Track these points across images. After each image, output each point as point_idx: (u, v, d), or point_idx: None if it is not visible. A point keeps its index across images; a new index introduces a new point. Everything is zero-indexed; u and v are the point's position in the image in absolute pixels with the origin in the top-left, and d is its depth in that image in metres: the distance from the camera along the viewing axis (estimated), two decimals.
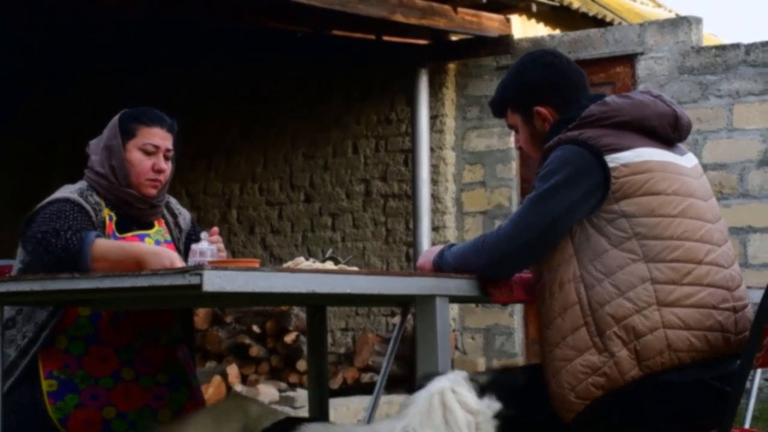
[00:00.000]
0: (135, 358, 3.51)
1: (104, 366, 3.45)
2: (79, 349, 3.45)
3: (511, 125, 3.21)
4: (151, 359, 3.54)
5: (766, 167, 7.86)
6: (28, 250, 3.33)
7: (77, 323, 3.44)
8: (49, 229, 3.24)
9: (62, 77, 10.77)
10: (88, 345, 3.45)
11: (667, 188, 2.91)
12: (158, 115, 3.57)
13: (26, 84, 10.76)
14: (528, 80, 3.14)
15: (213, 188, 10.20)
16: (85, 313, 3.45)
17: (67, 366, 3.41)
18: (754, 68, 7.92)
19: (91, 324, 3.46)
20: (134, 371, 3.50)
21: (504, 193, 8.83)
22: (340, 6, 7.50)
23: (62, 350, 3.43)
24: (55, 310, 3.39)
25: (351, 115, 9.48)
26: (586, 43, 8.59)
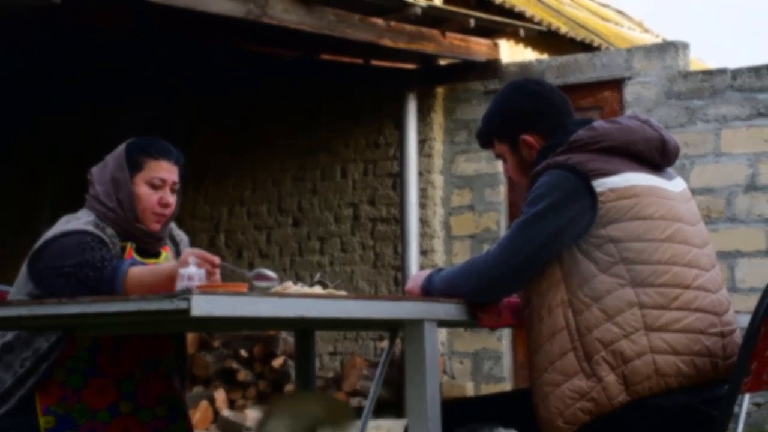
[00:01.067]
0: (136, 389, 3.47)
1: (102, 398, 3.40)
2: (77, 382, 3.39)
3: (498, 155, 3.22)
4: (151, 390, 3.51)
5: (753, 192, 7.89)
6: (48, 285, 3.26)
7: (76, 355, 3.39)
8: (78, 261, 3.20)
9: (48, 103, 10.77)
10: (87, 377, 3.40)
11: (654, 213, 2.92)
12: (165, 147, 3.52)
13: (12, 108, 10.75)
14: (513, 109, 3.15)
15: (201, 212, 10.19)
16: (84, 345, 3.40)
17: (65, 399, 3.36)
18: (741, 93, 7.96)
19: (90, 355, 3.41)
20: (133, 404, 3.45)
21: (492, 217, 8.84)
22: (329, 30, 7.53)
23: (60, 383, 3.37)
24: (57, 342, 3.35)
25: (339, 139, 9.49)
26: (574, 68, 8.62)
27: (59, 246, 3.28)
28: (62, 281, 3.21)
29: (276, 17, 7.11)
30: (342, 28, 7.61)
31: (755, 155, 7.89)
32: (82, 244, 3.26)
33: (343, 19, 7.61)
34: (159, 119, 9.88)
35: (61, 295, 3.16)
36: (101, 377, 3.42)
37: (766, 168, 7.86)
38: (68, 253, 3.24)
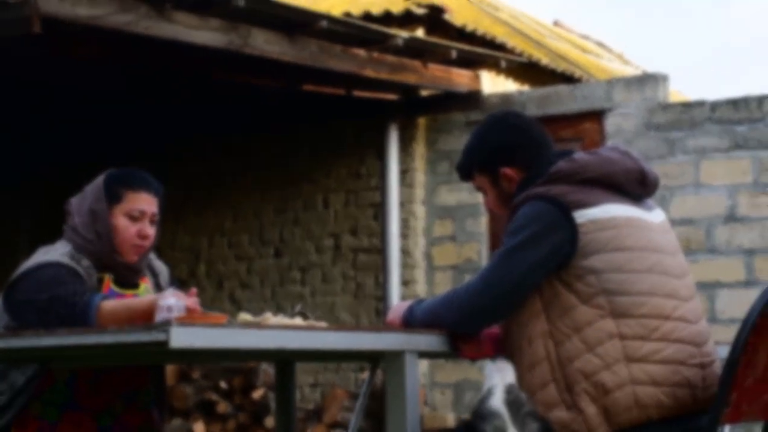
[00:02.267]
0: (114, 422, 3.44)
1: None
2: (53, 416, 3.36)
3: (478, 187, 3.23)
4: (129, 423, 3.48)
5: (732, 223, 7.92)
6: (22, 318, 3.23)
7: (54, 388, 3.36)
8: (51, 296, 3.17)
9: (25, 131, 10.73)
10: (63, 411, 3.37)
11: (634, 244, 2.93)
12: (145, 178, 3.51)
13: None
14: (492, 142, 3.16)
15: (181, 242, 10.15)
16: (62, 378, 3.37)
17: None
18: (720, 125, 8.00)
19: (67, 388, 3.38)
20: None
21: (474, 247, 8.84)
22: (311, 61, 7.54)
23: (35, 416, 3.34)
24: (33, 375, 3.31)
25: (321, 170, 9.49)
26: (555, 100, 8.66)
27: (33, 279, 3.25)
28: (35, 316, 3.19)
29: (258, 48, 7.12)
30: (324, 59, 7.63)
31: (734, 186, 7.93)
32: (55, 278, 3.24)
33: (325, 50, 7.63)
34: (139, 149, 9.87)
35: (35, 328, 3.14)
36: (78, 411, 3.39)
37: (745, 199, 7.89)
38: (41, 286, 3.22)
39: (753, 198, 7.87)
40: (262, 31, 7.15)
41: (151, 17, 6.40)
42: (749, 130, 7.90)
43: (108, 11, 6.17)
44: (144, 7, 6.36)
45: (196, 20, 6.69)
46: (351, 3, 9.22)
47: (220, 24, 6.86)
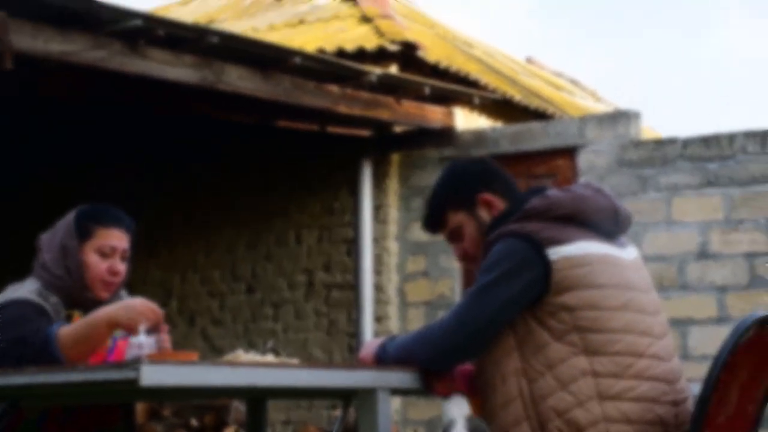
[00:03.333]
0: None
1: None
2: None
3: (452, 231, 3.19)
4: None
5: (704, 260, 7.95)
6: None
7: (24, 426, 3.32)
8: (14, 336, 3.13)
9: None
10: None
11: (607, 281, 2.93)
12: (116, 214, 3.50)
13: None
14: (465, 175, 3.16)
15: (153, 278, 10.10)
16: (32, 416, 3.34)
17: None
18: (691, 162, 8.05)
19: (38, 426, 3.34)
20: None
21: (447, 283, 8.84)
22: (284, 97, 7.55)
23: None
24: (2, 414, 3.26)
25: (294, 205, 9.48)
26: (528, 136, 8.69)
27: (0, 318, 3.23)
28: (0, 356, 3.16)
29: (231, 84, 7.13)
30: (297, 95, 7.64)
31: (706, 223, 7.97)
32: (21, 317, 3.21)
33: (299, 86, 7.65)
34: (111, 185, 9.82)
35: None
36: None
37: (716, 236, 7.94)
38: (6, 326, 3.19)
39: (724, 235, 7.91)
40: (236, 67, 7.16)
41: (124, 53, 6.41)
42: (720, 168, 7.95)
43: (81, 47, 6.17)
44: (117, 44, 6.37)
45: (169, 56, 6.70)
46: (325, 39, 9.25)
47: (194, 60, 6.87)
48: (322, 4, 10.65)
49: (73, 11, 6.05)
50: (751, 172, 7.87)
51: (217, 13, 11.80)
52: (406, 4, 11.31)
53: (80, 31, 6.17)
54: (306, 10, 10.56)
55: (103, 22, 6.21)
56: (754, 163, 7.87)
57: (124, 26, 6.27)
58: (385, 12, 9.76)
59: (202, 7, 12.35)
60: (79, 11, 6.07)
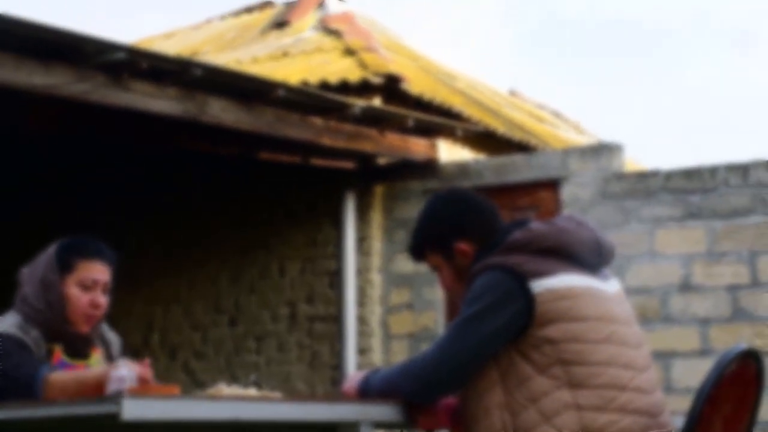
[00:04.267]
0: None
1: None
2: None
3: (433, 266, 3.22)
4: None
5: (687, 292, 7.96)
6: None
7: None
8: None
9: None
10: None
11: (591, 314, 2.93)
12: (98, 247, 3.48)
13: None
14: (443, 219, 3.17)
15: (135, 311, 10.05)
16: None
17: None
18: (674, 195, 8.08)
19: None
20: None
21: (431, 316, 8.82)
22: (267, 129, 7.55)
23: None
24: None
25: (277, 237, 9.47)
26: (511, 168, 8.71)
27: None
28: None
29: (214, 116, 7.13)
30: (281, 128, 7.65)
31: (689, 256, 7.98)
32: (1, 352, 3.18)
33: (282, 119, 7.65)
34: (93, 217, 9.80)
35: None
36: None
37: (699, 268, 7.95)
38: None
39: (707, 267, 7.93)
40: (219, 99, 7.16)
41: (107, 86, 6.41)
42: (703, 200, 7.98)
43: (64, 80, 6.16)
44: (101, 76, 6.37)
45: (152, 89, 6.70)
46: (308, 72, 9.27)
47: (177, 92, 6.87)
48: (305, 37, 10.69)
49: (57, 44, 6.05)
50: (733, 204, 7.90)
51: (201, 45, 11.82)
52: (390, 37, 11.35)
53: (63, 64, 6.17)
54: (290, 43, 10.59)
55: (87, 54, 6.20)
56: (736, 196, 7.90)
57: (108, 59, 6.27)
58: (368, 45, 9.79)
59: (186, 40, 12.38)
60: (62, 44, 6.07)
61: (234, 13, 13.12)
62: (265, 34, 11.46)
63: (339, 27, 10.52)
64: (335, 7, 11.40)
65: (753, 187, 7.85)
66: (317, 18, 11.16)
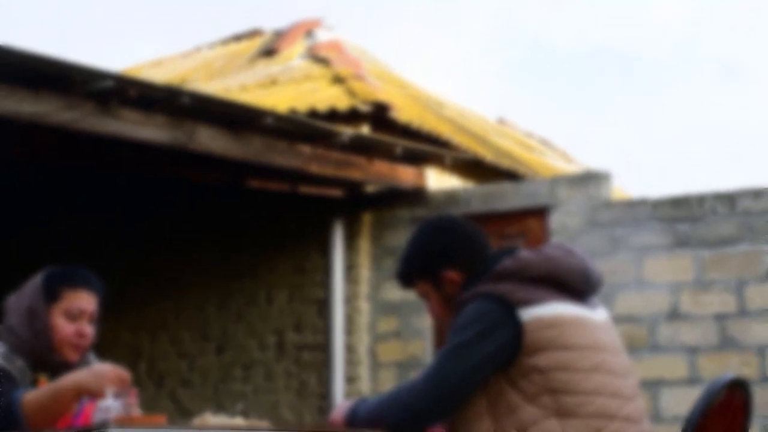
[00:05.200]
0: None
1: None
2: None
3: (421, 294, 3.22)
4: None
5: (675, 320, 7.97)
6: None
7: None
8: None
9: None
10: None
11: (579, 342, 2.93)
12: (85, 276, 3.46)
13: None
14: (430, 248, 3.17)
15: (122, 339, 10.01)
16: None
17: None
18: (662, 223, 8.09)
19: None
20: None
21: (419, 344, 8.80)
22: (256, 157, 7.55)
23: None
24: None
25: (265, 265, 9.45)
26: (500, 196, 8.72)
27: None
28: None
29: (203, 144, 7.13)
30: (269, 155, 7.64)
31: (676, 284, 7.99)
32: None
33: (270, 147, 7.65)
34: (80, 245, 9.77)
35: None
36: None
37: (687, 297, 7.96)
38: None
39: (695, 296, 7.94)
40: (208, 127, 7.16)
41: (96, 114, 6.39)
42: (690, 229, 8.00)
43: (52, 108, 6.15)
44: (89, 104, 6.35)
45: (141, 117, 6.69)
46: (297, 100, 9.28)
47: (166, 120, 6.86)
48: (294, 65, 10.70)
49: (45, 72, 6.04)
50: (720, 233, 7.92)
51: (190, 73, 11.83)
52: (378, 65, 11.39)
53: (52, 92, 6.16)
54: (278, 71, 10.61)
55: (75, 82, 6.19)
56: (723, 225, 7.92)
57: (96, 87, 6.25)
58: (357, 73, 9.81)
59: (175, 68, 12.39)
60: (50, 72, 6.06)
61: (223, 41, 13.14)
62: (253, 62, 11.48)
63: (327, 55, 10.55)
64: (324, 36, 11.43)
65: (740, 216, 7.87)
66: (306, 46, 11.19)
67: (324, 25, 11.71)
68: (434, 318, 3.26)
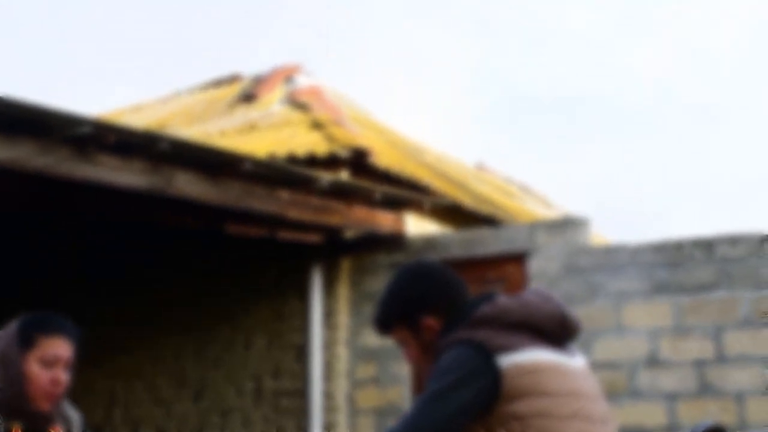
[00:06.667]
0: None
1: None
2: None
3: (398, 340, 3.20)
4: None
5: (654, 367, 7.96)
6: None
7: None
8: None
9: None
10: None
11: (557, 389, 2.91)
12: (60, 322, 3.42)
13: None
14: (409, 293, 3.16)
15: (97, 386, 9.93)
16: None
17: None
18: (640, 269, 8.10)
19: None
20: None
21: (397, 390, 8.76)
22: (234, 202, 7.53)
23: None
24: None
25: (243, 310, 9.41)
26: (478, 242, 8.72)
27: None
28: None
29: (181, 189, 7.11)
30: (248, 201, 7.63)
31: (655, 330, 7.99)
32: None
33: (249, 192, 7.64)
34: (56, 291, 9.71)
35: None
36: None
37: (666, 343, 7.96)
38: None
39: (674, 342, 7.94)
40: (186, 173, 7.15)
41: (73, 159, 6.36)
42: (668, 275, 8.01)
43: (29, 153, 6.12)
44: (66, 149, 6.33)
45: (119, 162, 6.67)
46: (276, 145, 9.29)
47: (144, 166, 6.85)
48: (273, 111, 10.73)
49: (21, 117, 6.01)
50: (699, 279, 7.93)
51: (169, 118, 11.84)
52: (358, 111, 11.42)
53: (28, 137, 6.13)
54: (258, 117, 10.63)
55: (52, 128, 6.17)
56: (701, 271, 7.93)
57: (74, 132, 6.23)
58: (336, 118, 9.84)
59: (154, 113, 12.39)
60: (27, 118, 6.04)
61: (202, 86, 13.17)
62: (233, 107, 11.49)
63: (307, 101, 10.58)
64: (303, 81, 11.47)
65: (718, 262, 7.89)
66: (285, 92, 11.22)
67: (303, 71, 11.76)
68: (412, 364, 3.24)
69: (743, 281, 7.80)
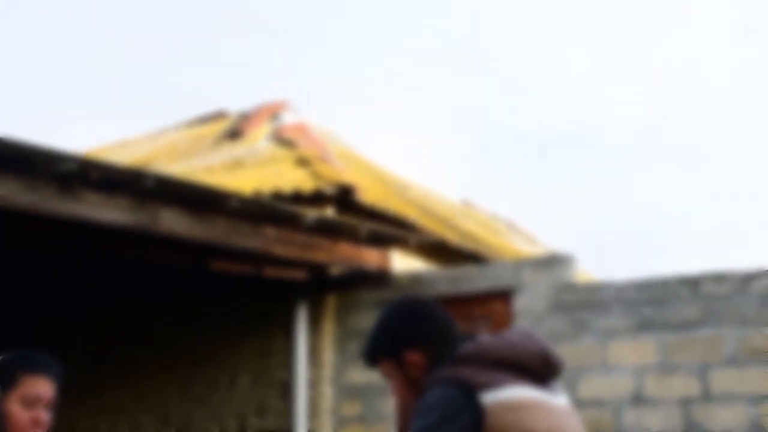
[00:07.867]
0: None
1: None
2: None
3: (385, 374, 3.21)
4: None
5: (639, 405, 7.94)
6: None
7: None
8: None
9: None
10: None
11: (540, 426, 2.91)
12: (43, 361, 3.40)
13: None
14: (395, 329, 3.16)
15: (80, 425, 9.86)
16: None
17: None
18: (626, 307, 8.10)
19: None
20: None
21: (382, 428, 8.73)
22: (220, 239, 7.52)
23: None
24: None
25: (228, 347, 9.38)
26: (464, 279, 8.72)
27: None
28: None
29: (166, 226, 7.09)
30: (233, 238, 7.62)
31: (641, 368, 7.98)
32: None
33: (235, 229, 7.64)
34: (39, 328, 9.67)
35: None
36: None
37: (652, 381, 7.95)
38: None
39: (659, 380, 7.93)
40: (171, 209, 7.13)
41: (57, 197, 6.35)
42: (654, 312, 8.01)
43: (13, 190, 6.10)
44: (51, 187, 6.31)
45: (104, 199, 6.66)
46: (261, 182, 9.30)
47: (129, 203, 6.83)
48: (259, 147, 10.74)
49: (5, 154, 6.00)
50: (684, 316, 7.93)
51: (155, 155, 11.84)
52: (344, 147, 11.44)
53: (12, 175, 6.12)
54: (243, 153, 10.64)
55: (37, 165, 6.16)
56: (687, 308, 7.94)
57: (58, 169, 6.22)
58: (322, 155, 9.85)
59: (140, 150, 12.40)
60: (11, 155, 6.02)
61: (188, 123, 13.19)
62: (218, 144, 11.51)
63: (293, 137, 10.59)
64: (289, 118, 11.50)
65: (703, 300, 7.90)
66: (271, 128, 11.24)
67: (289, 108, 11.79)
68: (397, 398, 3.24)
69: (729, 319, 7.81)
